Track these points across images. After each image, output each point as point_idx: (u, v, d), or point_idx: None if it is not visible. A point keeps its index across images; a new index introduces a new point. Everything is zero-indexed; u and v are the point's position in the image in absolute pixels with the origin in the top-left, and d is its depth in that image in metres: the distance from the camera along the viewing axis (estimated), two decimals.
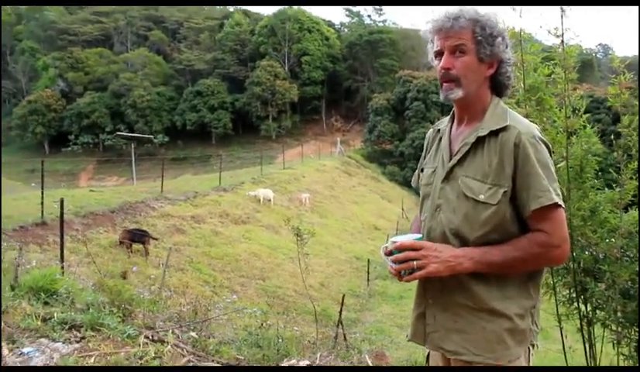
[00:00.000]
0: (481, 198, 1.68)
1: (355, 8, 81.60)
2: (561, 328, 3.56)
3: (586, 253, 3.35)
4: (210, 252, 13.10)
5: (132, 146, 25.82)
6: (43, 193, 10.88)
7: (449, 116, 1.92)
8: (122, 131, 53.79)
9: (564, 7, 3.01)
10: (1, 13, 63.54)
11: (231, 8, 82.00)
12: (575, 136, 3.31)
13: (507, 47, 1.77)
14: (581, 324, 3.51)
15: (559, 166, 3.23)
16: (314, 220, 21.17)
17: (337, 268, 15.75)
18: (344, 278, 15.07)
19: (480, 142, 1.73)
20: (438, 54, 1.78)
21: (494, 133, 1.70)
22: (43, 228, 10.43)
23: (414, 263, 1.66)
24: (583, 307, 3.54)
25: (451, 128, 1.89)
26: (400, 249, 1.70)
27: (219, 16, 76.16)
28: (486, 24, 1.72)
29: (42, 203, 10.72)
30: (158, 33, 73.57)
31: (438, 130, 1.97)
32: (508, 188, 1.66)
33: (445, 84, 1.76)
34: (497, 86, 1.81)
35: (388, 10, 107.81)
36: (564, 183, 3.23)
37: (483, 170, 1.70)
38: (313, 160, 36.64)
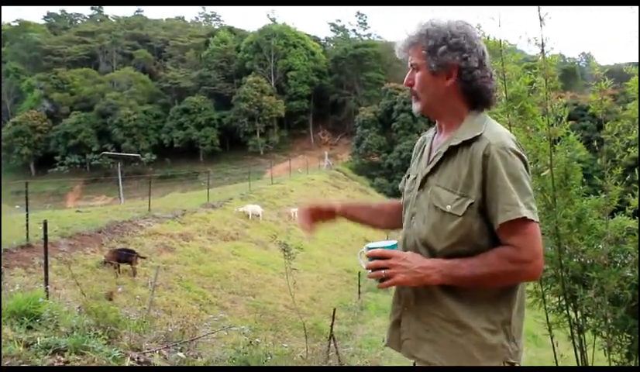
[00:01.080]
0: (448, 208, 1.66)
1: (340, 23, 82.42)
2: (552, 337, 3.54)
3: (574, 260, 3.34)
4: (199, 269, 12.99)
5: (119, 165, 25.68)
6: (27, 215, 10.77)
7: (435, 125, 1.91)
8: (108, 150, 53.68)
9: (542, 16, 3.02)
10: None
11: (216, 26, 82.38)
12: (559, 144, 3.31)
13: (464, 53, 1.70)
14: (572, 331, 3.49)
15: (543, 174, 3.22)
16: (304, 234, 21.08)
17: (327, 282, 15.68)
18: (335, 292, 14.99)
19: (452, 151, 1.71)
20: None
21: (467, 143, 1.67)
22: (29, 250, 10.28)
23: (383, 271, 1.65)
24: (573, 314, 3.52)
25: (432, 137, 1.89)
26: (371, 256, 1.68)
27: (204, 34, 76.47)
28: (430, 36, 1.72)
29: (27, 225, 10.59)
30: (143, 52, 73.64)
31: (424, 138, 1.97)
32: (476, 200, 1.63)
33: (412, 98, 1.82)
34: (471, 95, 1.75)
35: (373, 23, 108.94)
36: (549, 191, 3.22)
37: (453, 180, 1.68)
38: (301, 174, 36.63)
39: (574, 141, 3.39)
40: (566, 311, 3.47)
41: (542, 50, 3.14)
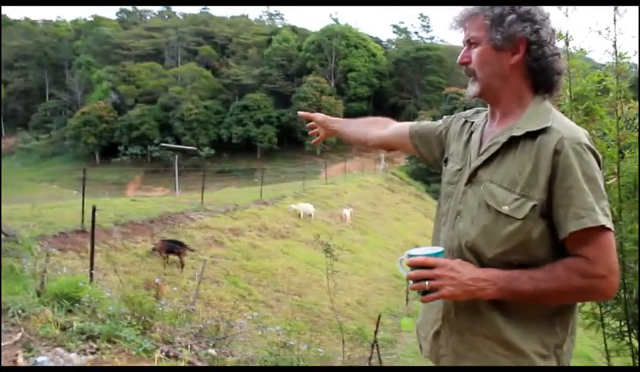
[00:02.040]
0: (504, 209, 1.42)
1: (402, 25, 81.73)
2: (610, 366, 3.20)
3: None
4: (247, 265, 12.99)
5: (176, 158, 26.20)
6: (83, 201, 11.03)
7: (486, 111, 1.67)
8: (169, 143, 54.97)
9: (618, 7, 2.72)
10: (59, 28, 66.39)
11: (279, 25, 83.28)
12: (628, 151, 2.98)
13: (535, 25, 1.46)
14: (633, 361, 3.14)
15: (609, 183, 2.91)
16: (355, 237, 20.89)
17: (376, 286, 15.40)
18: (382, 297, 14.70)
19: (512, 143, 1.47)
20: None
21: (532, 135, 1.44)
22: (83, 235, 10.52)
23: (427, 283, 1.42)
24: (635, 342, 3.17)
25: (484, 124, 1.64)
26: (412, 265, 1.45)
27: (267, 32, 77.45)
28: (495, 6, 1.48)
29: (82, 211, 10.85)
30: (207, 48, 75.29)
31: (470, 123, 1.71)
32: (539, 202, 1.40)
33: (469, 80, 1.57)
34: (537, 75, 1.51)
35: (436, 27, 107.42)
36: (615, 202, 2.90)
37: (512, 177, 1.44)
38: (356, 175, 36.41)
39: None
40: (627, 338, 3.12)
41: (615, 45, 2.82)
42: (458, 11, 1.58)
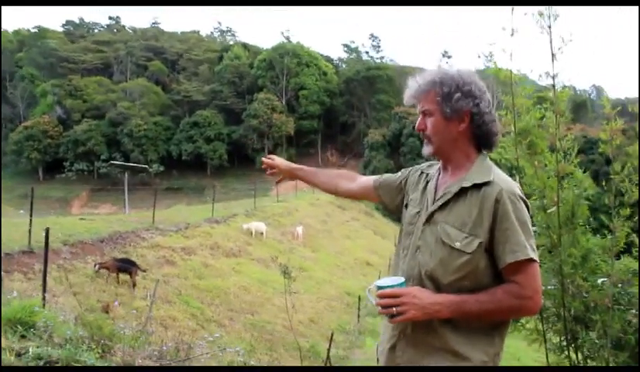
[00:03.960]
0: (457, 245, 1.76)
1: (353, 44, 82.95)
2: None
3: (577, 300, 3.26)
4: (199, 284, 12.92)
5: (126, 175, 25.73)
6: (31, 220, 10.75)
7: (438, 164, 2.00)
8: (117, 159, 53.86)
9: (555, 51, 2.99)
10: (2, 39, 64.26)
11: (231, 41, 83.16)
12: (566, 180, 3.26)
13: (476, 100, 1.83)
14: None
15: (550, 211, 3.16)
16: (307, 254, 21.02)
17: (327, 304, 15.55)
18: (334, 314, 14.86)
19: (462, 192, 1.81)
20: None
21: (477, 186, 1.78)
22: (30, 256, 10.26)
23: (394, 309, 1.73)
24: (574, 355, 3.43)
25: (438, 175, 1.97)
26: (382, 296, 1.76)
27: (219, 49, 77.15)
28: (444, 83, 1.83)
29: (29, 231, 10.57)
30: (158, 64, 74.31)
31: (426, 174, 2.05)
32: (484, 240, 1.74)
33: (424, 142, 1.93)
34: (479, 138, 1.88)
35: (386, 47, 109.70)
36: (555, 228, 3.16)
37: (462, 219, 1.78)
38: (307, 193, 36.58)
39: (582, 178, 3.33)
40: (566, 352, 3.38)
41: (554, 85, 3.10)
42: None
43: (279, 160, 2.58)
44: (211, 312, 11.60)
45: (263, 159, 2.62)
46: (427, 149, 1.92)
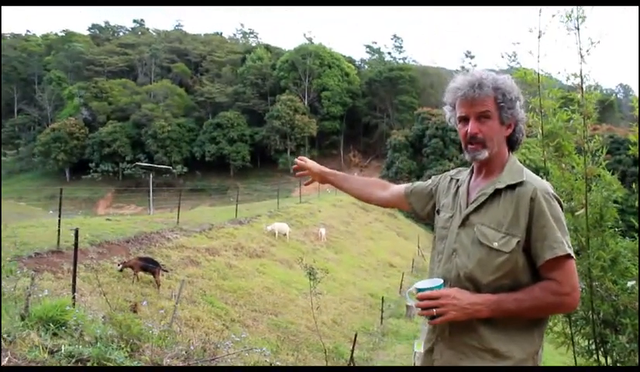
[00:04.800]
0: (495, 245, 1.79)
1: (375, 45, 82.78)
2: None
3: (606, 303, 3.23)
4: (223, 285, 13.00)
5: (151, 176, 26.04)
6: (60, 221, 10.95)
7: (468, 169, 2.06)
8: (141, 160, 54.54)
9: (583, 53, 2.97)
10: (29, 42, 65.53)
11: (253, 43, 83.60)
12: (594, 183, 3.23)
13: (522, 108, 1.92)
14: None
15: (577, 213, 3.15)
16: (329, 256, 21.03)
17: (351, 305, 15.54)
18: (357, 315, 14.85)
19: (496, 193, 1.86)
20: (463, 119, 1.93)
21: (511, 187, 1.83)
22: (59, 256, 10.45)
23: (434, 310, 1.78)
24: (603, 359, 3.40)
25: (469, 179, 2.01)
26: (421, 298, 1.81)
27: (242, 50, 77.64)
28: (505, 90, 1.87)
29: (58, 231, 10.78)
30: (181, 66, 75.10)
31: (456, 180, 2.10)
32: (521, 238, 1.77)
33: (470, 146, 1.91)
34: (512, 142, 1.95)
35: (408, 47, 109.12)
36: (583, 231, 3.14)
37: (498, 220, 1.82)
38: (330, 194, 36.60)
39: (611, 181, 3.30)
40: (595, 356, 3.35)
41: (582, 87, 3.09)
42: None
43: (311, 163, 2.61)
44: (235, 313, 11.67)
45: (297, 159, 2.65)
46: (482, 154, 1.89)
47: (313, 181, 2.63)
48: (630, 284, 3.23)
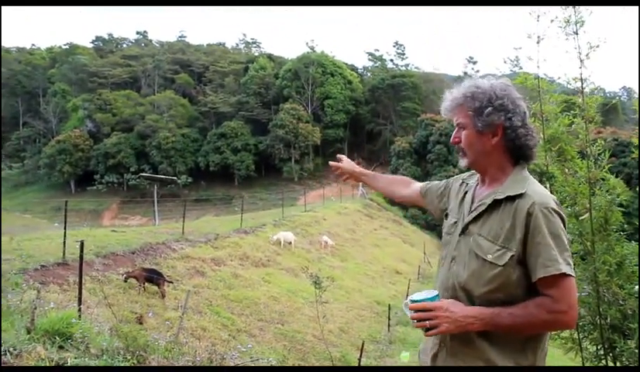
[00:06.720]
0: (489, 257, 1.78)
1: (378, 53, 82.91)
2: (610, 366, 3.38)
3: (613, 308, 3.21)
4: (229, 295, 12.98)
5: (155, 187, 26.09)
6: (65, 233, 10.97)
7: (477, 175, 2.05)
8: (146, 171, 54.68)
9: (583, 57, 2.97)
10: (33, 55, 65.97)
11: (256, 53, 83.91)
12: (598, 187, 3.22)
13: (508, 114, 1.85)
14: None
15: (582, 218, 3.14)
16: (335, 264, 20.98)
17: (357, 313, 15.48)
18: (364, 323, 14.79)
19: (496, 204, 1.84)
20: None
21: (511, 198, 1.80)
22: (64, 268, 10.45)
23: (427, 322, 1.80)
24: (612, 365, 3.37)
25: (476, 186, 2.02)
26: (415, 310, 1.83)
27: (244, 60, 77.88)
28: (476, 97, 1.87)
29: (64, 243, 10.79)
30: (184, 76, 75.39)
31: (466, 184, 2.10)
32: (516, 253, 1.75)
33: (459, 154, 1.98)
34: (514, 151, 1.89)
35: (410, 54, 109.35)
36: (588, 235, 3.13)
37: (495, 231, 1.81)
38: (335, 202, 36.58)
39: (615, 184, 3.28)
40: (604, 361, 3.33)
41: (582, 91, 3.08)
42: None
43: (345, 163, 2.68)
44: (241, 322, 11.64)
45: (334, 161, 2.70)
46: (462, 162, 1.96)
47: (348, 179, 2.68)
48: (637, 288, 3.21)
